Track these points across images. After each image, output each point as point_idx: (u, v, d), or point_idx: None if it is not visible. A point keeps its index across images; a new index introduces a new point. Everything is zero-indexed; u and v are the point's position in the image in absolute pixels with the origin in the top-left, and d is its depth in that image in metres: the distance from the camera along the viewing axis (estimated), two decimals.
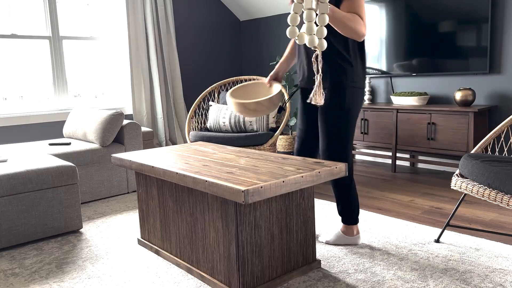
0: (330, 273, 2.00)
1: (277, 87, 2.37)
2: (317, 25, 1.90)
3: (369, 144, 4.10)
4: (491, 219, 2.64)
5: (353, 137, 2.61)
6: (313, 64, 1.89)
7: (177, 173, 1.84)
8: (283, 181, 1.65)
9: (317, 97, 1.92)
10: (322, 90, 1.92)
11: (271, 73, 2.44)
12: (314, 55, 1.88)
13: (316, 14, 1.81)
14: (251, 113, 2.26)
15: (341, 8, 2.04)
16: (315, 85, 1.92)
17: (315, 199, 3.15)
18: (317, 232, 2.51)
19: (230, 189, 1.57)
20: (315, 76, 1.90)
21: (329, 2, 1.98)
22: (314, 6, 1.78)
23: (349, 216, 2.31)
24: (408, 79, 4.15)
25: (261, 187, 1.58)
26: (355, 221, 2.32)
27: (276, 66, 2.46)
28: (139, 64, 4.55)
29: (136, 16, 4.49)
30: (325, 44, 1.82)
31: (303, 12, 1.79)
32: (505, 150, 2.41)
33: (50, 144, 3.35)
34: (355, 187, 2.37)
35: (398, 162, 4.32)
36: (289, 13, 4.94)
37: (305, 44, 2.09)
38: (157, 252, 2.29)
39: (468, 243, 2.28)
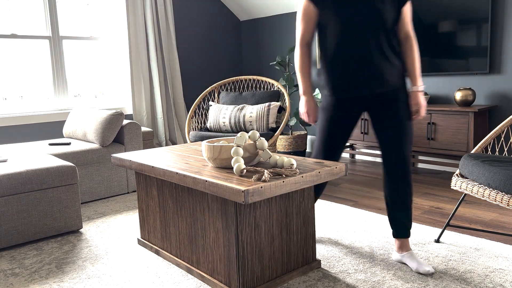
0: (330, 273, 2.00)
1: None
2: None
3: (369, 144, 4.10)
4: (491, 219, 2.64)
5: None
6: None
7: (177, 173, 1.84)
8: (283, 181, 1.65)
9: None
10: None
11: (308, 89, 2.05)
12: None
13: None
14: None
15: None
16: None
17: None
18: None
19: (230, 189, 1.57)
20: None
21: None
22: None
23: (410, 226, 2.04)
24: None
25: (261, 187, 1.58)
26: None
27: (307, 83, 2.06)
28: (139, 64, 4.55)
29: (136, 16, 4.49)
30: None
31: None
32: (505, 150, 2.41)
33: (50, 144, 3.35)
34: None
35: None
36: (291, 12, 4.94)
37: (371, 35, 1.85)
38: (157, 252, 2.29)
39: (468, 243, 2.28)
